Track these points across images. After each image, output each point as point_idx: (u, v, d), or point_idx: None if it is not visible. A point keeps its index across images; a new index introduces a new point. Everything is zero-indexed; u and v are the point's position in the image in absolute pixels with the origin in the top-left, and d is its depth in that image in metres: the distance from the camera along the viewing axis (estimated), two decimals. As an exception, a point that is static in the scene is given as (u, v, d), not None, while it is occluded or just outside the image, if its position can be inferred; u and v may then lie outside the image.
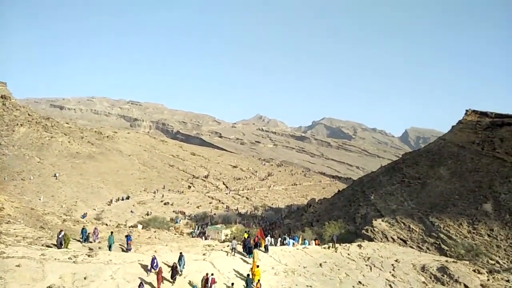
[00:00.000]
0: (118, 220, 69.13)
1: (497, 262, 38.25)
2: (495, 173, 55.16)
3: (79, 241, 27.98)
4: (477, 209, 48.22)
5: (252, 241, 29.02)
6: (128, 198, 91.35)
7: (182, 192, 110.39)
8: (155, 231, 46.98)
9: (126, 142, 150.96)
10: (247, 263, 26.88)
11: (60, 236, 24.56)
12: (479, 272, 31.66)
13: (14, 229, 27.56)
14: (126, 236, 28.11)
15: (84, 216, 60.17)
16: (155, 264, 21.71)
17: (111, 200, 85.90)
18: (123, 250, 27.24)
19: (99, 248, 26.78)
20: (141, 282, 19.65)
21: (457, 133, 75.65)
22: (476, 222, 45.89)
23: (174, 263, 22.18)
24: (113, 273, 20.93)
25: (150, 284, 20.78)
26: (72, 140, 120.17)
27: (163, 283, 20.92)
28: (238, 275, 24.79)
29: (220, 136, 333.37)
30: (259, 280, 23.45)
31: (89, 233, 28.42)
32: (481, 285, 28.80)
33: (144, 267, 22.26)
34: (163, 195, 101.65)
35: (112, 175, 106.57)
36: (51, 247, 23.97)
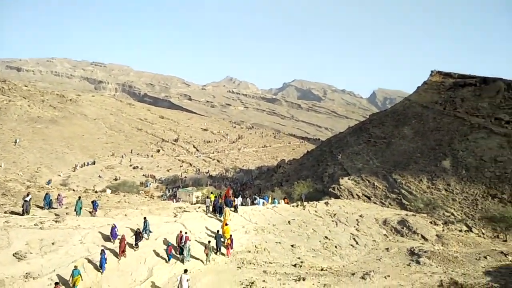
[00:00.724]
0: (86, 185, 67.93)
1: (452, 214, 41.16)
2: (455, 132, 57.95)
3: (41, 207, 27.24)
4: (437, 166, 50.95)
5: (220, 200, 29.48)
6: (94, 163, 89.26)
7: (152, 156, 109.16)
8: (124, 195, 46.56)
9: (91, 105, 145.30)
10: (220, 221, 27.37)
11: (28, 199, 23.57)
12: (435, 224, 34.03)
13: (-26, 197, 26.48)
14: (93, 201, 27.60)
15: (49, 182, 58.50)
16: (115, 233, 20.79)
17: (76, 166, 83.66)
18: (91, 215, 26.95)
19: (66, 214, 26.36)
20: (102, 250, 18.74)
21: (422, 93, 78.02)
22: (435, 178, 48.64)
23: (138, 229, 21.68)
24: (83, 238, 20.77)
25: (113, 250, 20.15)
26: (32, 104, 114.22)
27: (124, 254, 19.87)
28: (210, 234, 25.32)
29: (190, 99, 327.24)
30: (231, 236, 24.18)
31: (51, 199, 27.54)
32: (437, 235, 31.06)
33: (121, 228, 22.19)
34: (130, 160, 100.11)
35: (77, 140, 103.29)
36: (15, 214, 23.29)
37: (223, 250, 23.63)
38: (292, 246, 26.77)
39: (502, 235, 34.13)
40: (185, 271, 19.01)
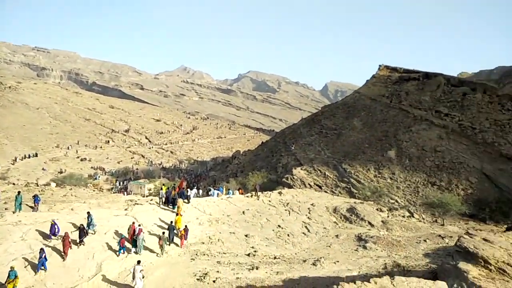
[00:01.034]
0: (28, 178, 63.72)
1: (396, 201, 43.77)
2: (400, 124, 61.33)
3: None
4: (383, 156, 53.73)
5: (173, 192, 29.04)
6: (36, 155, 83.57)
7: (101, 147, 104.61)
8: (71, 189, 44.33)
9: (33, 93, 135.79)
10: (173, 212, 26.94)
11: None
12: (381, 211, 35.97)
13: None
14: (34, 196, 25.79)
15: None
16: (56, 231, 19.71)
17: (16, 158, 77.88)
18: (33, 211, 25.37)
19: (6, 209, 24.65)
20: (41, 248, 17.50)
21: (371, 86, 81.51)
22: (381, 167, 51.30)
23: (81, 224, 20.65)
24: (24, 234, 19.56)
25: (54, 248, 19.12)
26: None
27: (71, 248, 18.94)
28: (163, 226, 24.86)
29: (142, 88, 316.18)
30: (185, 226, 24.02)
31: None
32: (382, 221, 32.86)
33: (64, 224, 21.09)
34: (77, 151, 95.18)
35: (18, 130, 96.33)
36: None
37: (177, 240, 23.41)
38: (246, 236, 27.06)
39: (440, 220, 36.88)
40: (138, 262, 18.54)
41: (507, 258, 13.19)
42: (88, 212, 21.70)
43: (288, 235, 28.74)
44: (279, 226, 30.13)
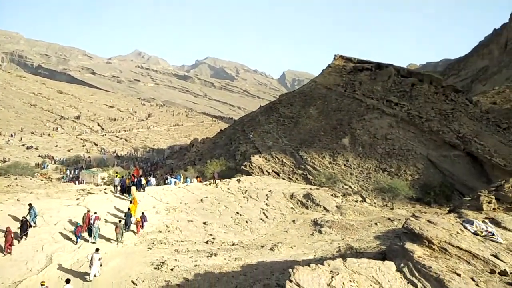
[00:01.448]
0: (-34, 168, 58.86)
1: (350, 187, 45.59)
2: (354, 112, 63.50)
3: None
4: (338, 143, 55.53)
5: (127, 180, 28.32)
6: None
7: (49, 134, 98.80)
8: (16, 178, 41.71)
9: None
10: (127, 200, 26.26)
11: None
12: (335, 196, 37.32)
13: None
14: None
15: None
16: None
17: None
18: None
19: None
20: None
21: (326, 76, 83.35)
22: (336, 154, 53.03)
23: (23, 217, 19.53)
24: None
25: None
26: None
27: (13, 244, 17.95)
28: (119, 215, 24.18)
29: (93, 73, 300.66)
30: (142, 213, 23.75)
31: None
32: (337, 206, 34.14)
33: (4, 218, 19.83)
34: (21, 139, 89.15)
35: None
36: None
37: (133, 228, 23.06)
38: (204, 223, 27.03)
39: (389, 204, 39.01)
40: (97, 250, 18.14)
41: (449, 238, 14.23)
42: (30, 204, 20.56)
43: (246, 221, 29.08)
44: (237, 213, 30.38)
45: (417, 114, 57.66)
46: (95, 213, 21.55)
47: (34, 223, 20.29)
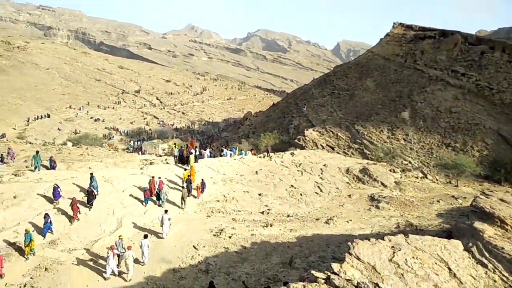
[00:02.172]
0: (45, 138, 64.87)
1: (410, 162, 43.67)
2: (414, 84, 59.87)
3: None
4: (396, 117, 53.01)
5: (185, 151, 29.53)
6: (48, 116, 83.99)
7: (113, 108, 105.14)
8: (87, 148, 45.18)
9: (42, 53, 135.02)
10: (186, 170, 27.42)
11: None
12: (394, 172, 36.01)
13: None
14: (50, 160, 25.34)
15: (2, 136, 55.04)
16: (57, 194, 19.14)
17: (29, 119, 78.41)
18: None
19: (26, 167, 25.28)
20: (46, 213, 17.16)
21: (384, 45, 78.86)
22: (395, 128, 50.78)
23: (89, 187, 20.39)
24: (45, 191, 20.18)
25: (61, 210, 19.04)
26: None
27: (79, 212, 18.82)
28: (178, 184, 25.40)
29: (150, 48, 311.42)
30: (202, 180, 25.15)
31: (2, 154, 25.67)
32: (395, 182, 32.99)
33: (76, 185, 21.62)
34: (88, 112, 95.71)
35: (31, 91, 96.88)
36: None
37: (194, 193, 24.48)
38: (259, 195, 27.56)
39: (454, 181, 36.86)
40: (166, 211, 19.69)
41: (524, 218, 13.20)
42: (91, 174, 21.48)
43: (301, 194, 29.18)
44: (292, 186, 30.54)
45: (487, 85, 52.96)
46: (159, 178, 23.04)
47: (96, 191, 21.26)
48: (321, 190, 30.78)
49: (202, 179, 25.37)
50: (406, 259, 10.19)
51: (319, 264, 16.58)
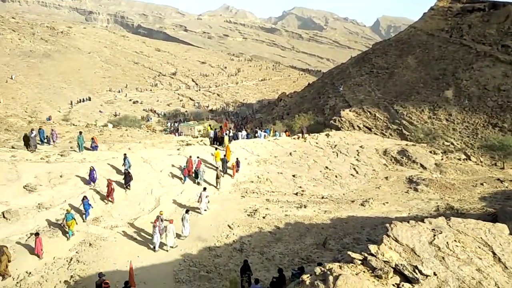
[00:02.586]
0: (87, 120, 68.01)
1: (452, 143, 41.64)
2: (460, 61, 56.37)
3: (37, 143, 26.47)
4: (439, 96, 50.40)
5: (219, 133, 29.93)
6: (89, 99, 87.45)
7: (151, 90, 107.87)
8: (126, 130, 46.80)
9: (84, 38, 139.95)
10: (222, 150, 27.81)
11: (32, 135, 22.55)
12: (434, 153, 34.58)
13: (-23, 133, 26.57)
14: (92, 140, 26.35)
15: (48, 118, 58.22)
16: (93, 176, 19.60)
17: (72, 102, 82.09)
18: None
19: (71, 148, 26.62)
20: (84, 196, 17.65)
21: (428, 20, 74.48)
22: (436, 108, 48.40)
23: (126, 169, 20.73)
24: (109, 165, 21.25)
25: (98, 192, 19.63)
26: (23, 37, 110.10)
27: (112, 199, 19.22)
28: (213, 165, 25.83)
29: (186, 30, 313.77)
30: (237, 159, 25.79)
31: (47, 136, 26.73)
32: (436, 164, 31.70)
33: (112, 166, 22.45)
34: (126, 95, 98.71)
35: (74, 75, 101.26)
36: (20, 149, 23.40)
37: (230, 172, 25.25)
38: (293, 176, 27.50)
39: (499, 163, 34.85)
40: (204, 189, 20.62)
41: None
42: (125, 154, 21.90)
43: (336, 176, 28.81)
44: (326, 167, 30.18)
45: (543, 60, 48.89)
46: (198, 157, 23.68)
47: (129, 172, 21.23)
48: (357, 172, 30.21)
49: (237, 158, 25.95)
50: (447, 242, 9.81)
51: (354, 246, 16.42)
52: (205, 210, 19.98)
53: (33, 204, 17.32)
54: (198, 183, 22.87)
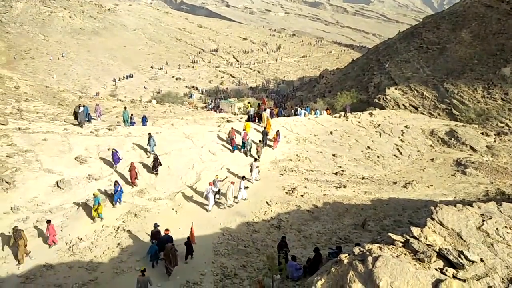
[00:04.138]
0: (133, 96, 70.54)
1: (507, 125, 38.82)
2: (522, 35, 51.72)
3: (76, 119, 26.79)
4: (495, 74, 46.80)
5: (257, 109, 30.13)
6: (131, 76, 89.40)
7: (193, 67, 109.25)
8: (169, 106, 48.12)
9: (129, 15, 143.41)
10: (261, 126, 27.80)
11: (80, 111, 23.20)
12: (486, 135, 32.52)
13: (34, 106, 28.43)
14: (131, 118, 26.98)
15: (96, 94, 61.09)
16: (117, 158, 19.19)
17: (115, 79, 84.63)
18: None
19: (117, 123, 27.84)
20: (116, 181, 17.31)
21: (487, -10, 68.48)
22: (491, 86, 45.08)
23: (155, 154, 20.29)
24: (134, 145, 22.13)
25: (122, 176, 19.26)
26: (73, 15, 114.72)
27: (137, 178, 18.95)
28: (254, 141, 25.98)
29: (227, 5, 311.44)
30: (277, 131, 26.25)
31: (89, 113, 27.40)
32: (487, 146, 29.85)
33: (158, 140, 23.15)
34: (166, 72, 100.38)
35: (120, 51, 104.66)
36: (71, 123, 24.78)
37: (270, 143, 25.76)
38: (333, 155, 27.05)
39: (560, 147, 32.16)
40: (255, 159, 21.79)
41: None
42: (149, 133, 21.46)
43: (378, 156, 28.01)
44: (368, 147, 29.38)
45: None
46: (244, 129, 24.10)
47: (153, 152, 21.03)
48: (401, 153, 29.15)
49: (278, 130, 26.36)
50: (497, 228, 9.28)
51: (394, 228, 16.04)
52: (255, 180, 21.13)
53: (84, 175, 18.44)
54: (246, 153, 23.90)
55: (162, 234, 14.33)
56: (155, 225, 14.84)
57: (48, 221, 14.30)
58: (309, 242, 15.90)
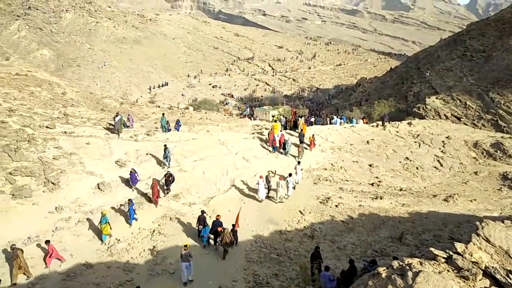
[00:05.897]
0: (171, 102, 72.62)
1: (560, 138, 36.29)
2: None
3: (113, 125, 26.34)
4: (547, 83, 44.04)
5: (291, 118, 30.42)
6: (167, 84, 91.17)
7: (229, 75, 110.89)
8: (205, 113, 49.04)
9: (169, 24, 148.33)
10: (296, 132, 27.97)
11: (117, 119, 23.35)
12: (537, 148, 30.52)
13: (79, 111, 29.89)
14: (177, 122, 27.69)
15: (136, 101, 63.49)
16: (135, 179, 18.43)
17: (150, 88, 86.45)
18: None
19: (156, 128, 28.69)
20: (130, 200, 16.48)
21: (539, -5, 64.78)
22: (543, 97, 42.43)
23: (168, 171, 19.28)
24: (171, 150, 22.70)
25: (143, 194, 18.74)
26: (117, 25, 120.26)
27: (157, 200, 17.90)
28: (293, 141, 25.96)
29: (264, 14, 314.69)
30: (313, 135, 26.91)
31: (125, 121, 27.54)
32: (538, 160, 28.01)
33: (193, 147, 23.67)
34: (199, 80, 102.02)
35: (160, 59, 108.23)
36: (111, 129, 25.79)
37: (306, 145, 26.17)
38: (370, 165, 26.37)
39: None
40: (299, 162, 22.28)
41: None
42: (165, 145, 21.02)
43: (417, 168, 27.00)
44: (407, 158, 28.41)
45: None
46: (281, 130, 24.62)
47: (168, 164, 20.64)
48: (441, 165, 27.93)
49: (313, 134, 26.99)
50: (548, 249, 8.67)
51: (434, 243, 15.32)
52: (299, 181, 21.79)
53: (123, 178, 19.12)
54: (286, 154, 24.52)
55: (214, 219, 15.92)
56: (202, 212, 16.23)
57: (47, 242, 13.62)
58: (343, 253, 15.54)
